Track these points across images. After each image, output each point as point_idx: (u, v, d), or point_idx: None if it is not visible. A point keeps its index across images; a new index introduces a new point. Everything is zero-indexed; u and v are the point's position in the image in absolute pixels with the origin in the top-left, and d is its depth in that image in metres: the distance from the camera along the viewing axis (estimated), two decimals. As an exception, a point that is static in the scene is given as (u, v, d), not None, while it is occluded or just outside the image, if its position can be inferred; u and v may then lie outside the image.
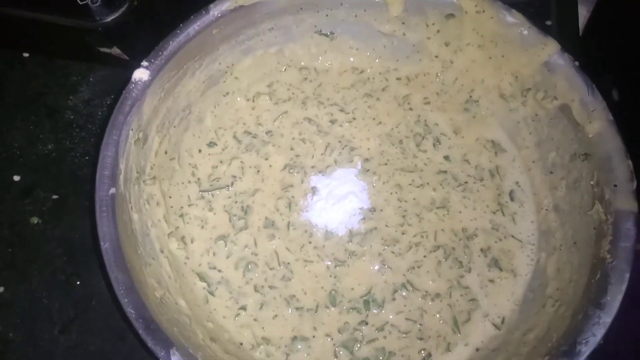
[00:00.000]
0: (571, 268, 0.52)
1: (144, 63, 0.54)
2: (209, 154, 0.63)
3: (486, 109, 0.65)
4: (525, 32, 0.58)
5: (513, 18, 0.58)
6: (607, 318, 0.44)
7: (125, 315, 0.44)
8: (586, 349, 0.43)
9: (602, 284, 0.46)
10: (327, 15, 0.64)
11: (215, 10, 0.57)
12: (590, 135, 0.53)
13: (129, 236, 0.50)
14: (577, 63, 0.55)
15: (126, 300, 0.45)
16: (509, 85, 0.61)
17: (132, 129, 0.52)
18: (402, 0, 0.61)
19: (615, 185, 0.49)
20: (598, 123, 0.52)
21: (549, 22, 0.75)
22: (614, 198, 0.49)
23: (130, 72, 0.54)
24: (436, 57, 0.66)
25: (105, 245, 0.47)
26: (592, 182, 0.53)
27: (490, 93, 0.64)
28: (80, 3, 0.60)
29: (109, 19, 0.60)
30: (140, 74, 0.53)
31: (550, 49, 0.56)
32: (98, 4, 0.60)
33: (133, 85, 0.53)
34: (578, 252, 0.53)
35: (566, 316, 0.48)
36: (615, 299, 0.45)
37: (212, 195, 0.61)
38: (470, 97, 0.65)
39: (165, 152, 0.59)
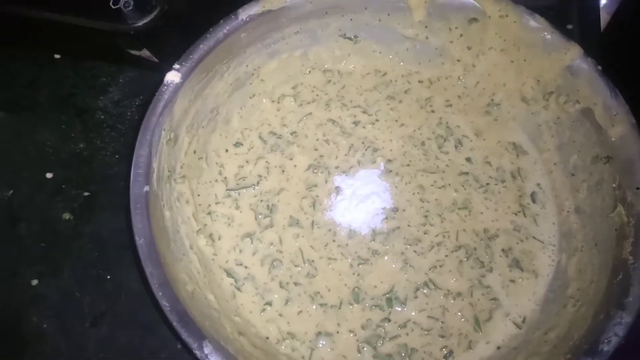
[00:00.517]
0: (592, 269, 0.53)
1: (176, 66, 0.56)
2: (236, 154, 0.65)
3: (507, 112, 0.66)
4: (549, 36, 0.58)
5: (536, 22, 0.59)
6: (629, 318, 0.45)
7: (159, 308, 0.46)
8: (609, 348, 0.44)
9: (624, 284, 0.47)
10: (351, 19, 0.65)
11: (243, 15, 0.59)
12: (612, 139, 0.54)
13: (162, 233, 0.52)
14: (600, 67, 0.56)
15: (160, 293, 0.46)
16: (530, 89, 0.62)
17: (164, 130, 0.54)
18: (425, 5, 0.62)
19: (638, 188, 0.50)
20: (621, 126, 0.53)
21: (570, 26, 0.76)
22: (636, 201, 0.50)
23: (161, 75, 0.56)
24: (458, 60, 0.67)
25: (140, 241, 0.48)
26: (614, 185, 0.53)
27: (512, 96, 0.65)
28: (113, 7, 0.62)
29: (141, 22, 0.62)
30: (172, 77, 0.55)
31: (573, 53, 0.57)
32: (130, 8, 0.61)
33: (165, 87, 0.55)
34: (599, 253, 0.53)
35: (587, 316, 0.49)
36: (637, 299, 0.46)
37: (239, 193, 0.63)
38: (492, 100, 0.66)
39: (194, 152, 0.61)
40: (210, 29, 0.58)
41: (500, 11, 0.60)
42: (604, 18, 0.96)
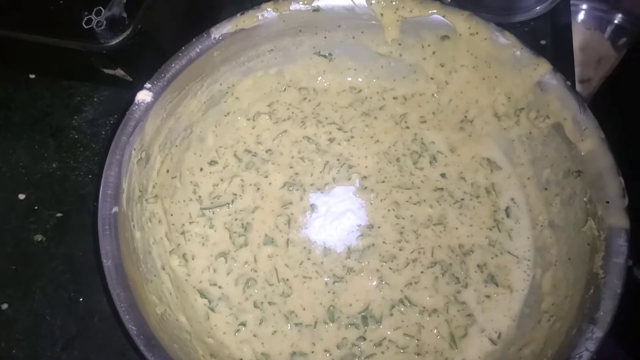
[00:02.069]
0: (567, 284, 0.53)
1: (147, 85, 0.56)
2: (210, 172, 0.65)
3: (481, 128, 0.66)
4: (518, 52, 0.59)
5: (506, 39, 0.59)
6: (599, 333, 0.45)
7: (126, 332, 0.45)
8: (580, 364, 0.44)
9: (595, 299, 0.47)
10: (325, 37, 0.66)
11: (216, 33, 0.59)
12: (582, 153, 0.54)
13: (131, 254, 0.51)
14: (569, 82, 0.57)
15: (127, 317, 0.46)
16: (502, 106, 0.63)
17: (134, 149, 0.54)
18: (397, 24, 0.63)
19: (608, 202, 0.50)
20: (590, 141, 0.54)
21: (543, 42, 0.77)
22: (606, 214, 0.50)
23: (133, 94, 0.56)
24: (432, 78, 0.67)
25: (107, 263, 0.48)
26: (585, 199, 0.53)
27: (485, 113, 0.65)
28: (86, 27, 0.62)
29: (114, 42, 0.62)
30: (143, 96, 0.55)
31: (542, 69, 0.58)
32: (103, 27, 0.61)
33: (136, 107, 0.55)
34: (573, 267, 0.53)
35: (562, 332, 0.49)
36: (607, 314, 0.45)
37: (213, 212, 0.62)
38: (466, 117, 0.67)
39: (167, 171, 0.61)
40: (183, 48, 0.58)
41: (470, 29, 0.60)
42: (583, 32, 0.98)
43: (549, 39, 0.78)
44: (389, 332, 0.56)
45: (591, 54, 0.97)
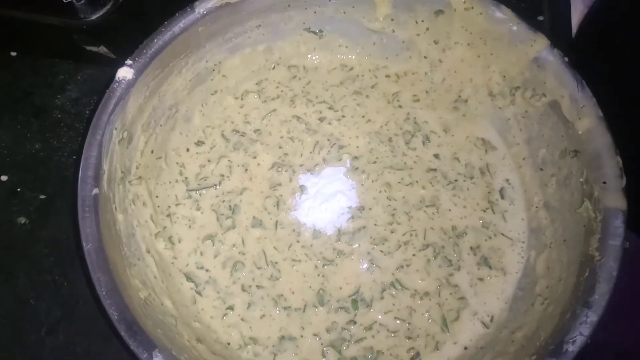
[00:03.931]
0: (561, 266, 0.52)
1: (128, 61, 0.53)
2: (197, 153, 0.63)
3: (475, 108, 0.64)
4: (515, 27, 0.57)
5: (502, 14, 0.57)
6: (594, 317, 0.44)
7: (107, 316, 0.44)
8: (574, 348, 0.43)
9: (590, 282, 0.46)
10: (315, 13, 0.63)
11: (200, 8, 0.57)
12: (579, 132, 0.53)
13: (113, 237, 0.49)
14: (567, 59, 0.55)
15: (108, 301, 0.44)
16: (496, 84, 0.61)
17: (115, 128, 0.52)
18: (389, 1, 0.60)
19: (605, 183, 0.49)
20: (587, 120, 0.52)
21: (541, 18, 0.75)
22: (603, 195, 0.49)
23: (115, 71, 0.54)
24: (425, 57, 0.65)
25: (87, 246, 0.46)
26: (581, 179, 0.52)
27: (479, 92, 0.63)
28: (65, 1, 0.59)
29: (94, 17, 0.60)
30: (124, 73, 0.53)
31: (539, 45, 0.56)
32: (82, 2, 0.59)
33: (117, 84, 0.53)
34: (568, 250, 0.52)
35: (555, 315, 0.48)
36: (603, 297, 0.44)
37: (200, 194, 0.60)
38: (460, 96, 0.65)
39: (152, 152, 0.59)
40: (165, 23, 0.56)
41: (465, 3, 0.58)
42: (580, 9, 0.96)
43: (547, 15, 0.75)
44: (379, 316, 0.55)
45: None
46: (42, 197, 0.66)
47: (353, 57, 0.68)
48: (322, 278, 0.56)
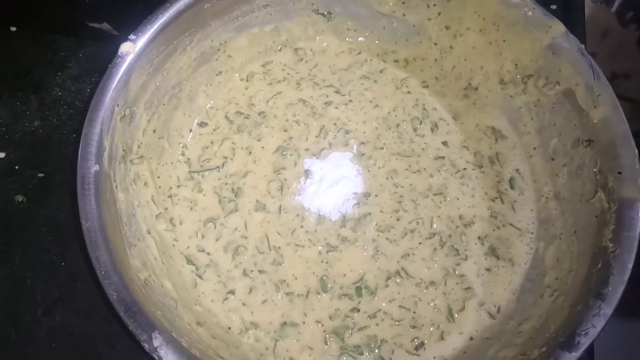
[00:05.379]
0: (571, 257, 0.51)
1: (131, 36, 0.52)
2: (200, 134, 0.61)
3: (485, 96, 0.63)
4: (530, 13, 0.55)
5: (517, -1, 0.56)
6: (607, 309, 0.42)
7: (106, 297, 0.43)
8: (585, 341, 0.42)
9: (603, 274, 0.44)
10: (324, -7, 0.62)
11: (207, -16, 0.55)
12: (594, 121, 0.51)
13: (113, 216, 0.48)
14: (582, 46, 0.53)
15: (107, 281, 0.43)
16: (508, 73, 0.60)
17: (117, 105, 0.50)
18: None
19: (620, 173, 0.48)
20: (603, 108, 0.51)
21: (553, 6, 0.73)
22: (618, 186, 0.47)
23: (116, 47, 0.52)
24: (435, 44, 0.64)
25: (86, 225, 0.45)
26: (595, 170, 0.51)
27: (490, 80, 0.62)
28: (68, -26, 0.57)
29: (97, -9, 0.58)
30: (127, 48, 0.51)
31: (555, 31, 0.54)
32: (86, -26, 0.57)
33: (119, 59, 0.51)
34: (578, 241, 0.51)
35: (565, 307, 0.47)
36: (616, 290, 0.43)
37: (202, 176, 0.59)
38: (470, 84, 0.63)
39: (154, 131, 0.57)
40: (171, -1, 0.55)
41: (480, -14, 0.57)
42: (589, 5, 0.94)
43: (560, 4, 0.74)
44: (383, 304, 0.53)
45: (596, 27, 0.93)
46: (41, 175, 0.64)
47: (362, 40, 0.66)
48: (326, 264, 0.55)
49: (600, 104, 0.51)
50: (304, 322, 0.53)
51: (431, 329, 0.52)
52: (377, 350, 0.51)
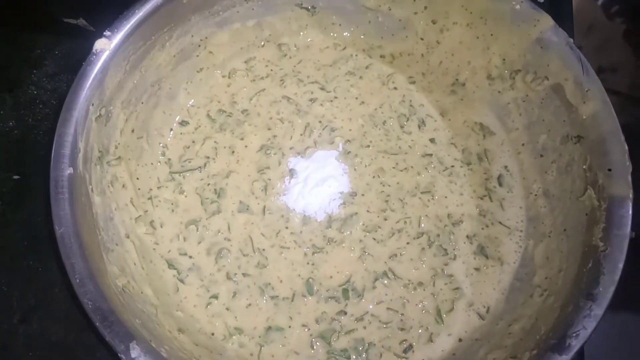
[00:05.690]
0: (560, 256, 0.50)
1: (106, 33, 0.50)
2: (181, 133, 0.60)
3: (473, 92, 0.62)
4: (518, 6, 0.54)
5: (505, -9, 0.54)
6: (598, 310, 0.42)
7: (82, 306, 0.41)
8: (576, 343, 0.41)
9: (594, 273, 0.44)
10: (307, -14, 0.60)
11: (185, -23, 0.53)
12: (584, 117, 0.50)
13: (88, 220, 0.46)
14: (571, 40, 0.52)
15: (82, 290, 0.41)
16: (496, 68, 0.59)
17: (92, 104, 0.48)
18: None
19: (610, 170, 0.47)
20: (593, 104, 0.50)
21: (541, 0, 0.72)
22: (608, 183, 0.47)
23: (92, 43, 0.50)
24: (422, 39, 0.62)
25: (60, 230, 0.43)
26: (584, 166, 0.50)
27: (477, 75, 0.61)
28: (40, -32, 0.55)
29: (71, -15, 0.56)
30: (102, 45, 0.49)
31: (543, 25, 0.53)
32: (59, -32, 0.55)
33: (94, 57, 0.49)
34: (568, 239, 0.50)
35: (555, 307, 0.46)
36: (607, 290, 0.42)
37: (183, 177, 0.58)
38: (457, 80, 0.62)
39: (132, 131, 0.55)
40: (148, -7, 0.53)
41: (466, -21, 0.55)
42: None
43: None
44: (371, 306, 0.52)
45: (582, 20, 0.93)
46: (16, 177, 0.62)
47: (347, 35, 0.65)
48: (312, 266, 0.54)
49: (590, 99, 0.50)
50: (289, 327, 0.51)
51: (420, 331, 0.51)
52: (364, 354, 0.50)
